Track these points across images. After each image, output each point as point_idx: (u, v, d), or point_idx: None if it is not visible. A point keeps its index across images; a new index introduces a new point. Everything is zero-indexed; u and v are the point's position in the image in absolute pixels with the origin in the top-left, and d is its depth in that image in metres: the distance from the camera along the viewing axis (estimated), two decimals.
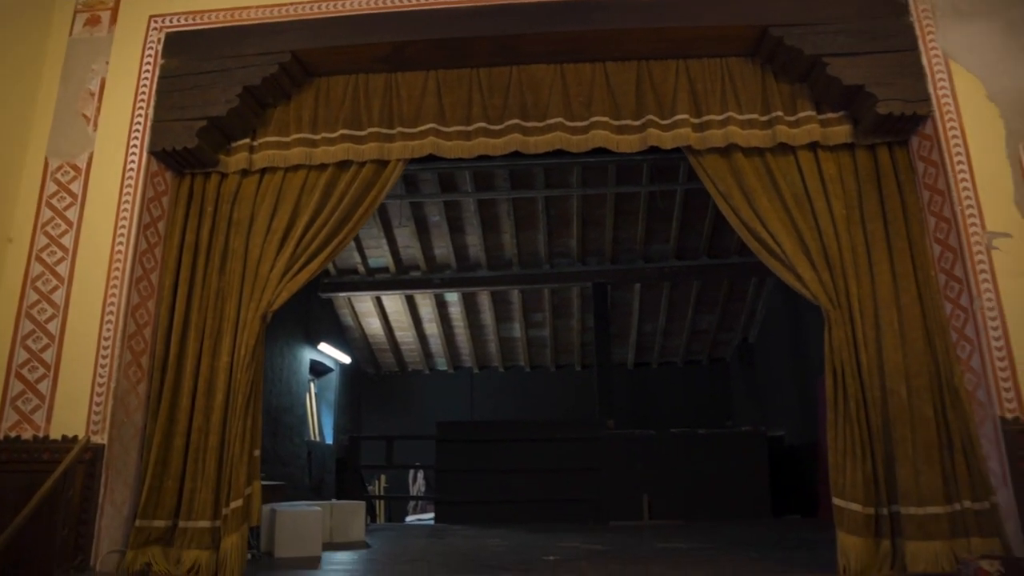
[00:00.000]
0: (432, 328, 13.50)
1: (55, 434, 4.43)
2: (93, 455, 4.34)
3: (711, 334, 13.62)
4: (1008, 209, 4.41)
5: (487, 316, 13.18)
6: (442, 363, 14.55)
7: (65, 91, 5.17)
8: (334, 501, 7.50)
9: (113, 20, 5.31)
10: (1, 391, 4.53)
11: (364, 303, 12.84)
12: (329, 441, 12.64)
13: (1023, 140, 4.49)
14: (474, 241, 11.13)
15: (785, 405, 11.56)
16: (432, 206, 10.56)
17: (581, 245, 11.17)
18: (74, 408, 4.48)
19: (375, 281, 11.74)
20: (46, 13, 5.31)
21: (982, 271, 4.33)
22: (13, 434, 4.44)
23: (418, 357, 14.33)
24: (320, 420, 12.73)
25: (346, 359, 13.31)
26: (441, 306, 12.95)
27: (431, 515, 11.23)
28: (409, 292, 12.24)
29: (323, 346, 12.23)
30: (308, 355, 11.83)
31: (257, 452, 4.80)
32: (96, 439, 4.39)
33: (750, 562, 4.97)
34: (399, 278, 11.67)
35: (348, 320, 13.28)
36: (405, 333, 13.67)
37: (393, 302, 12.81)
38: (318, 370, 12.63)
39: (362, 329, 13.52)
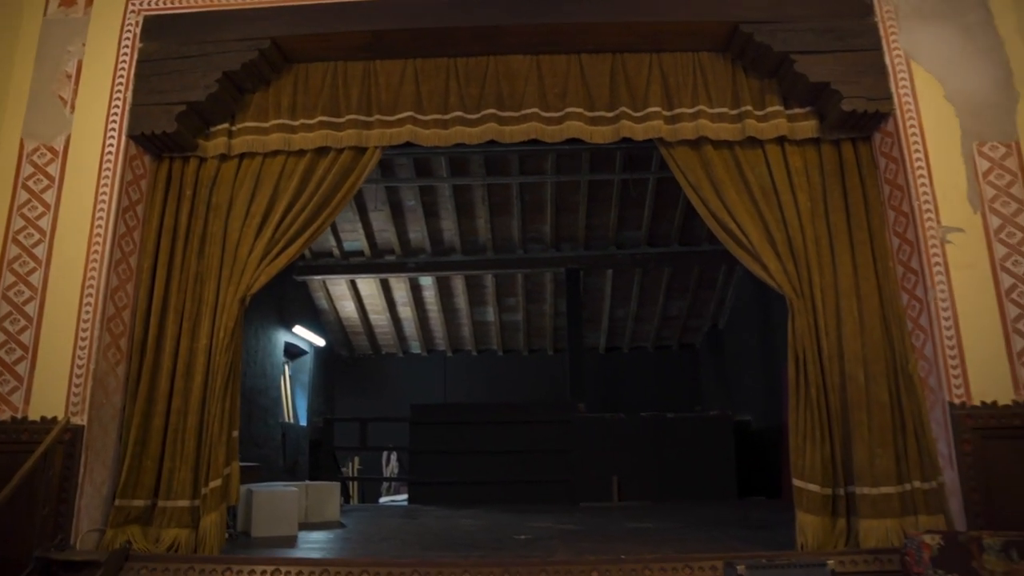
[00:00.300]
0: (406, 311, 13.57)
1: (34, 415, 4.48)
2: (72, 436, 4.40)
3: (681, 320, 13.85)
4: (962, 205, 4.61)
5: (461, 300, 13.28)
6: (416, 346, 14.63)
7: (40, 72, 5.15)
8: (309, 482, 7.60)
9: (89, 1, 5.28)
10: None
11: (338, 286, 12.86)
12: (303, 423, 12.70)
13: (977, 139, 4.70)
14: (449, 226, 11.20)
15: (753, 390, 11.84)
16: (407, 191, 10.61)
17: (555, 231, 11.30)
18: (53, 389, 4.53)
19: (350, 264, 11.77)
20: None
21: (936, 264, 4.53)
22: None
23: (392, 340, 14.40)
24: (294, 402, 12.77)
25: (320, 342, 13.34)
26: (415, 290, 13.01)
27: (405, 496, 11.36)
28: (384, 276, 12.29)
29: (297, 329, 12.26)
30: (283, 338, 11.86)
31: (235, 433, 4.90)
32: (75, 420, 4.44)
33: (714, 540, 5.17)
34: (374, 262, 11.72)
35: (322, 303, 13.30)
36: (379, 316, 13.72)
37: (367, 285, 12.85)
38: (292, 352, 12.66)
39: (336, 312, 13.55)
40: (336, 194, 5.23)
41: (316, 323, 13.32)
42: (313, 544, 5.44)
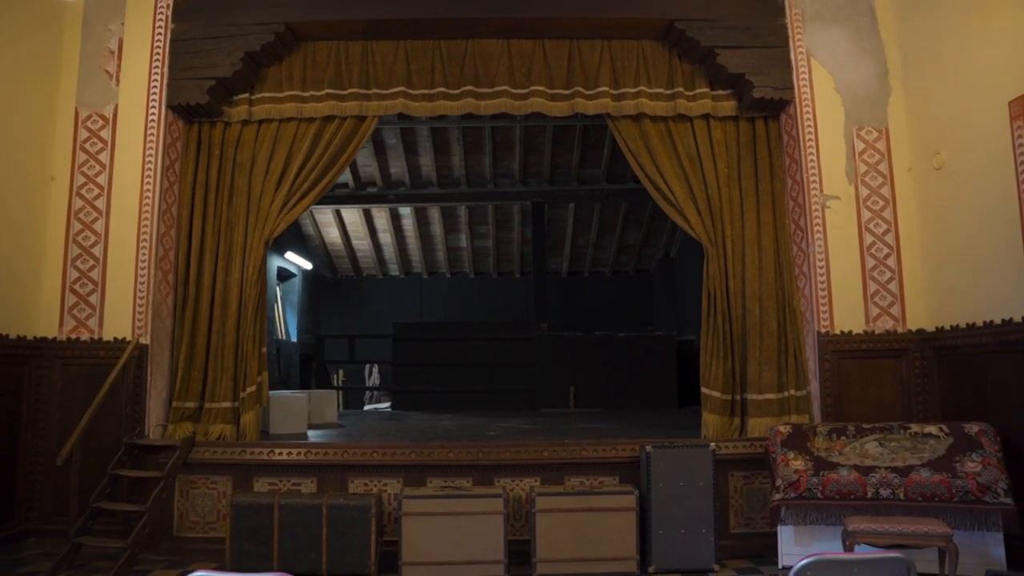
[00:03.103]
0: (386, 238, 14.67)
1: (107, 336, 5.66)
2: (140, 353, 5.60)
3: (637, 248, 15.15)
4: (840, 177, 5.86)
5: (436, 228, 14.40)
6: (394, 269, 15.79)
7: (87, 48, 6.06)
8: (311, 390, 8.89)
9: None
10: (60, 302, 5.70)
11: (324, 215, 13.87)
12: (294, 339, 13.93)
13: (857, 124, 5.91)
14: (426, 162, 12.19)
15: (698, 313, 13.22)
16: (389, 130, 11.55)
17: (522, 168, 12.38)
18: (120, 316, 5.70)
19: (335, 195, 12.72)
20: None
21: (816, 224, 5.81)
22: (74, 336, 5.66)
23: (372, 263, 15.54)
24: (286, 320, 13.97)
25: (307, 265, 14.44)
26: (395, 218, 14.08)
27: (387, 404, 12.80)
28: (366, 206, 13.32)
29: (288, 254, 13.33)
30: (275, 263, 12.94)
31: (264, 349, 6.13)
32: (142, 340, 5.63)
33: (643, 436, 6.56)
34: (357, 193, 12.72)
35: (309, 229, 14.33)
36: (361, 242, 14.81)
37: (351, 214, 13.88)
38: (283, 276, 13.76)
39: (321, 237, 14.61)
40: (341, 155, 6.31)
41: (303, 248, 14.38)
42: (324, 438, 6.75)
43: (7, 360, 5.32)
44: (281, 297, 13.87)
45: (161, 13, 6.11)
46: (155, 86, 6.01)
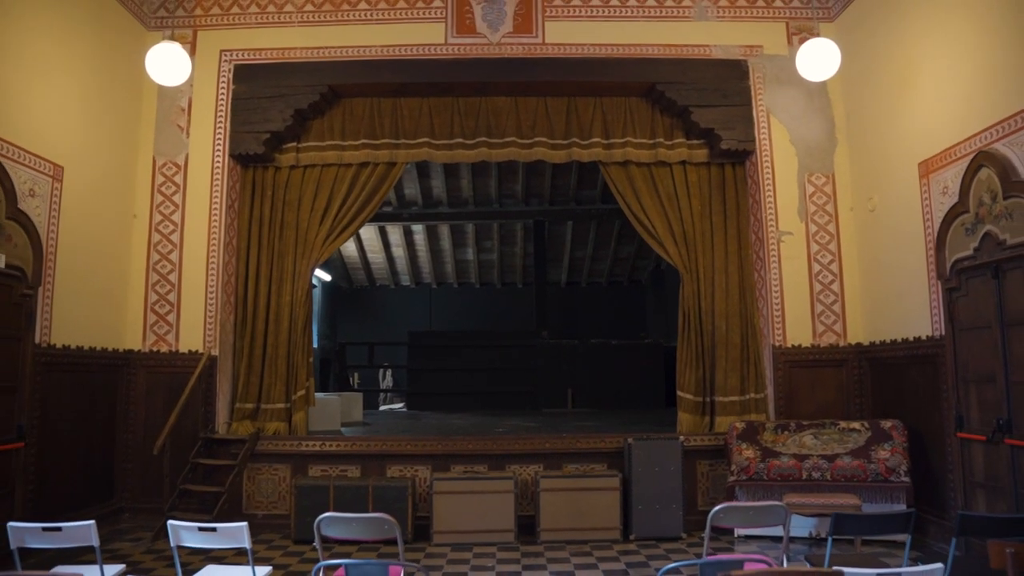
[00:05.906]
0: (399, 252, 15.81)
1: (183, 348, 6.81)
2: (211, 362, 6.76)
3: (630, 261, 16.30)
4: (793, 216, 7.01)
5: (446, 243, 15.54)
6: (406, 279, 16.94)
7: (162, 106, 7.22)
8: (340, 392, 10.04)
9: (192, 51, 7.28)
10: (143, 320, 6.87)
11: None
12: (315, 345, 15.05)
13: (808, 171, 7.07)
14: (438, 184, 13.31)
15: None
16: None
17: (525, 190, 13.51)
18: (193, 332, 6.85)
19: None
20: (140, 45, 7.19)
21: (773, 255, 6.97)
22: (155, 348, 6.82)
23: (385, 274, 16.69)
24: None
25: (326, 277, 15.58)
26: (407, 234, 15.23)
27: (400, 405, 13.95)
28: (382, 224, 14.46)
29: None
30: None
31: (311, 359, 7.28)
32: (212, 352, 6.79)
33: (628, 431, 7.71)
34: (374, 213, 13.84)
35: None
36: (376, 255, 15.96)
37: (366, 231, 15.00)
38: None
39: (339, 252, 15.72)
40: (375, 195, 7.48)
41: None
42: (357, 433, 7.90)
43: (105, 368, 6.48)
44: None
45: (224, 77, 7.26)
46: (219, 138, 7.16)
